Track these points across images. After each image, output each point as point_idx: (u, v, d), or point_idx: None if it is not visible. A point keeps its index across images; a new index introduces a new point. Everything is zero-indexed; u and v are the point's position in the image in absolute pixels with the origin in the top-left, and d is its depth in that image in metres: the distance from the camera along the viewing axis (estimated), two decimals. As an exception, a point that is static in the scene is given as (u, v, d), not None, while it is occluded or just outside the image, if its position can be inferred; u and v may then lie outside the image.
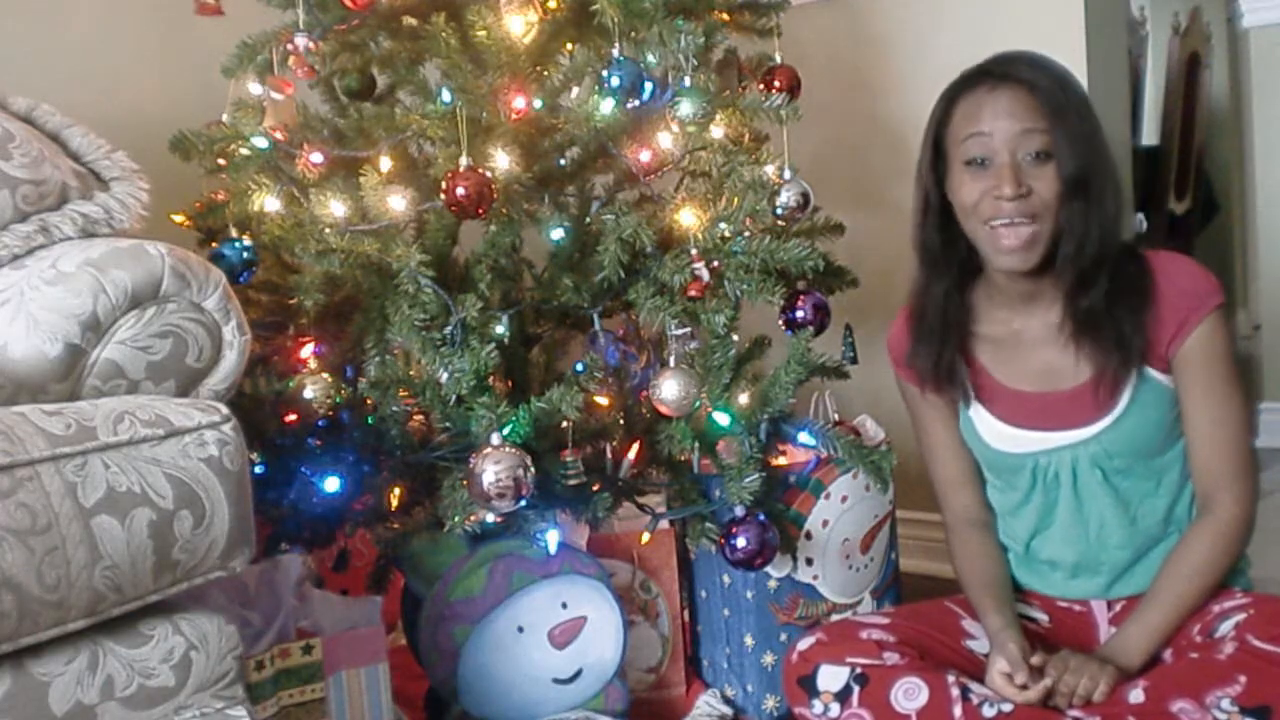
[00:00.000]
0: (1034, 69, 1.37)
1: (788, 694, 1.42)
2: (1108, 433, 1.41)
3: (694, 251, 1.64)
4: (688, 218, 1.66)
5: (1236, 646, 1.27)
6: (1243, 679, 1.23)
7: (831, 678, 1.37)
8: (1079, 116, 1.35)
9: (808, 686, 1.38)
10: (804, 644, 1.41)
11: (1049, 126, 1.33)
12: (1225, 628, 1.33)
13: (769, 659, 1.78)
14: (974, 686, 1.33)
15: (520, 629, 1.67)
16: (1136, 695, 1.27)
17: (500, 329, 1.67)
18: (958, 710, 1.31)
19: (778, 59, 1.87)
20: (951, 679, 1.33)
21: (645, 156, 1.68)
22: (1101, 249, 1.36)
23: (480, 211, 1.53)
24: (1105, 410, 1.41)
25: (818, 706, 1.37)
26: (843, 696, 1.35)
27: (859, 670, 1.35)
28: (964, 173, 1.37)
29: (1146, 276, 1.38)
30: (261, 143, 1.68)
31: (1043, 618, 1.50)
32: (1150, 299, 1.38)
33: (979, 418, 1.50)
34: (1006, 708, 1.30)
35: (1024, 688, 1.32)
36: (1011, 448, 1.47)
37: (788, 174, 1.74)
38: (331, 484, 1.66)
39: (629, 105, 1.64)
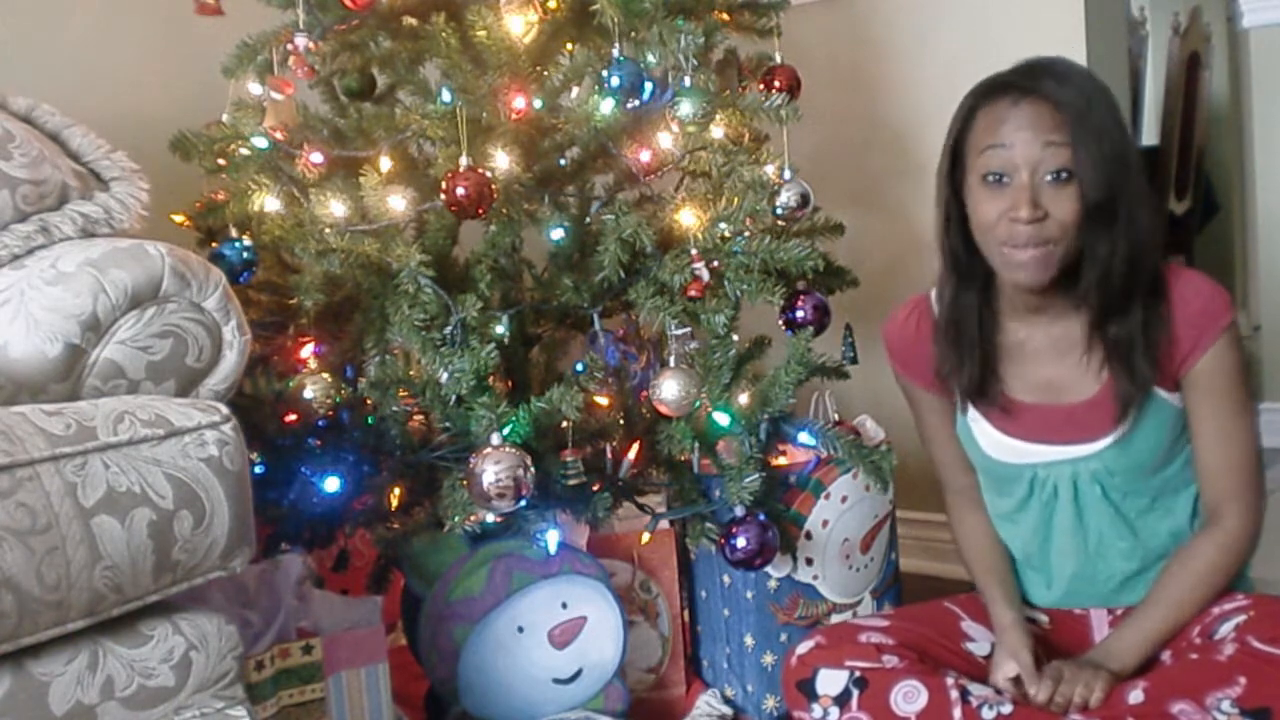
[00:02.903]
0: (1061, 83, 1.31)
1: (787, 698, 1.42)
2: (1110, 450, 1.40)
3: (694, 251, 1.64)
4: (688, 218, 1.66)
5: (1236, 648, 1.27)
6: (1243, 680, 1.23)
7: (830, 681, 1.36)
8: (1106, 135, 1.29)
9: (807, 690, 1.38)
10: (802, 648, 1.41)
11: (1072, 144, 1.28)
12: (1225, 629, 1.33)
13: (769, 659, 1.78)
14: (973, 688, 1.33)
15: (520, 629, 1.67)
16: (1136, 696, 1.27)
17: (500, 329, 1.67)
18: (957, 712, 1.30)
19: (778, 59, 1.87)
20: (950, 681, 1.33)
21: (645, 156, 1.68)
22: (1131, 273, 1.33)
23: (480, 211, 1.53)
24: (1109, 428, 1.39)
25: (817, 711, 1.36)
26: (842, 700, 1.35)
27: (858, 674, 1.35)
28: (982, 188, 1.33)
29: (1162, 298, 1.36)
30: (261, 143, 1.68)
31: (1043, 619, 1.50)
32: (1166, 321, 1.35)
33: (978, 426, 1.49)
34: (1005, 710, 1.30)
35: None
36: (1010, 458, 1.46)
37: (788, 174, 1.74)
38: (331, 484, 1.66)
39: (629, 105, 1.64)
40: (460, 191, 1.51)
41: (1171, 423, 1.40)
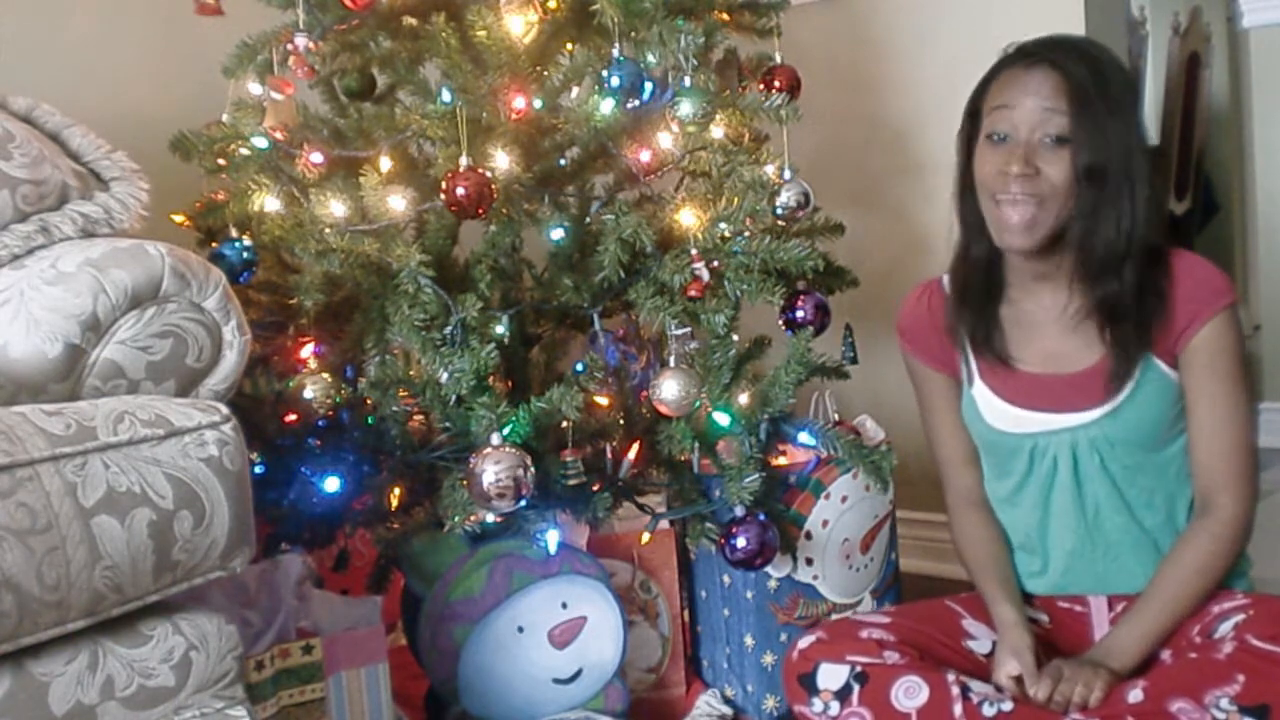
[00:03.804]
0: (1073, 54, 1.37)
1: (788, 692, 1.43)
2: (1108, 419, 1.42)
3: (694, 251, 1.64)
4: (688, 218, 1.66)
5: (1235, 646, 1.27)
6: (1241, 678, 1.23)
7: (831, 676, 1.37)
8: (1108, 108, 1.34)
9: (808, 685, 1.38)
10: (804, 642, 1.42)
11: (1071, 111, 1.34)
12: (1224, 628, 1.33)
13: (769, 659, 1.78)
14: (974, 685, 1.33)
15: (520, 629, 1.67)
16: (1136, 695, 1.27)
17: (500, 329, 1.67)
18: (958, 709, 1.31)
19: (778, 59, 1.87)
20: (951, 678, 1.33)
21: (645, 156, 1.68)
22: (1117, 242, 1.36)
23: (480, 211, 1.53)
24: (1108, 396, 1.41)
25: (817, 705, 1.37)
26: (843, 695, 1.35)
27: (859, 669, 1.35)
28: (986, 145, 1.40)
29: (1164, 273, 1.39)
30: (261, 143, 1.68)
31: (1043, 618, 1.50)
32: (1165, 295, 1.38)
33: (981, 396, 1.50)
34: (1006, 707, 1.30)
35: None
36: (1012, 428, 1.47)
37: (788, 174, 1.74)
38: (331, 484, 1.66)
39: (629, 105, 1.64)
40: (460, 191, 1.51)
41: (1171, 397, 1.41)
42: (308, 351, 1.74)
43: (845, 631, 1.41)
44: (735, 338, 1.70)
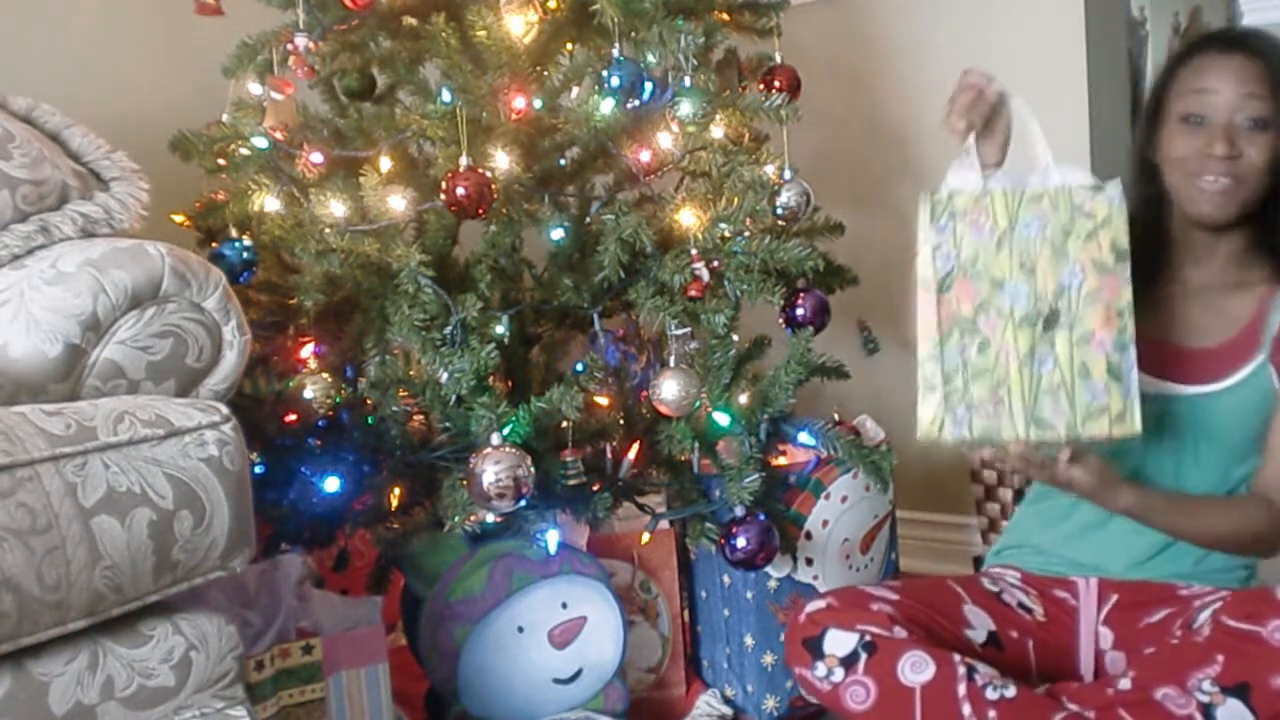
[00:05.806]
0: (1265, 41, 1.41)
1: (790, 654, 1.40)
2: (1203, 399, 1.43)
3: (694, 251, 1.64)
4: (688, 218, 1.66)
5: (1212, 628, 1.28)
6: (1221, 658, 1.23)
7: (839, 643, 1.35)
8: None
9: (813, 649, 1.36)
10: (813, 606, 1.40)
11: (1272, 97, 1.37)
12: (1203, 617, 1.34)
13: (769, 659, 1.78)
14: (980, 668, 1.32)
15: (520, 629, 1.67)
16: (1124, 684, 1.28)
17: (500, 329, 1.67)
18: (962, 689, 1.30)
19: (778, 59, 1.87)
20: (958, 658, 1.33)
21: (645, 156, 1.68)
22: None
23: (480, 211, 1.53)
24: (1208, 379, 1.43)
25: (820, 669, 1.35)
26: (849, 662, 1.34)
27: (868, 638, 1.34)
28: (1179, 127, 1.41)
29: None
30: (261, 143, 1.68)
31: (1038, 610, 1.50)
32: None
33: None
34: (1009, 693, 1.30)
35: None
36: None
37: (788, 174, 1.74)
38: (331, 484, 1.66)
39: (629, 105, 1.64)
40: (460, 191, 1.51)
41: (1263, 412, 1.41)
42: (308, 351, 1.74)
43: (856, 601, 1.40)
44: (735, 338, 1.70)
